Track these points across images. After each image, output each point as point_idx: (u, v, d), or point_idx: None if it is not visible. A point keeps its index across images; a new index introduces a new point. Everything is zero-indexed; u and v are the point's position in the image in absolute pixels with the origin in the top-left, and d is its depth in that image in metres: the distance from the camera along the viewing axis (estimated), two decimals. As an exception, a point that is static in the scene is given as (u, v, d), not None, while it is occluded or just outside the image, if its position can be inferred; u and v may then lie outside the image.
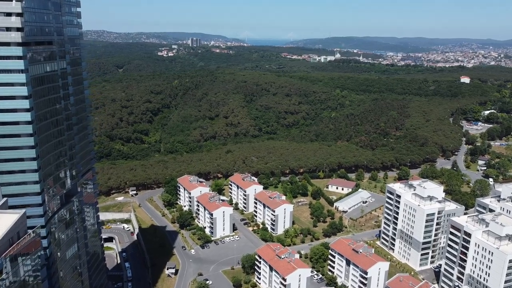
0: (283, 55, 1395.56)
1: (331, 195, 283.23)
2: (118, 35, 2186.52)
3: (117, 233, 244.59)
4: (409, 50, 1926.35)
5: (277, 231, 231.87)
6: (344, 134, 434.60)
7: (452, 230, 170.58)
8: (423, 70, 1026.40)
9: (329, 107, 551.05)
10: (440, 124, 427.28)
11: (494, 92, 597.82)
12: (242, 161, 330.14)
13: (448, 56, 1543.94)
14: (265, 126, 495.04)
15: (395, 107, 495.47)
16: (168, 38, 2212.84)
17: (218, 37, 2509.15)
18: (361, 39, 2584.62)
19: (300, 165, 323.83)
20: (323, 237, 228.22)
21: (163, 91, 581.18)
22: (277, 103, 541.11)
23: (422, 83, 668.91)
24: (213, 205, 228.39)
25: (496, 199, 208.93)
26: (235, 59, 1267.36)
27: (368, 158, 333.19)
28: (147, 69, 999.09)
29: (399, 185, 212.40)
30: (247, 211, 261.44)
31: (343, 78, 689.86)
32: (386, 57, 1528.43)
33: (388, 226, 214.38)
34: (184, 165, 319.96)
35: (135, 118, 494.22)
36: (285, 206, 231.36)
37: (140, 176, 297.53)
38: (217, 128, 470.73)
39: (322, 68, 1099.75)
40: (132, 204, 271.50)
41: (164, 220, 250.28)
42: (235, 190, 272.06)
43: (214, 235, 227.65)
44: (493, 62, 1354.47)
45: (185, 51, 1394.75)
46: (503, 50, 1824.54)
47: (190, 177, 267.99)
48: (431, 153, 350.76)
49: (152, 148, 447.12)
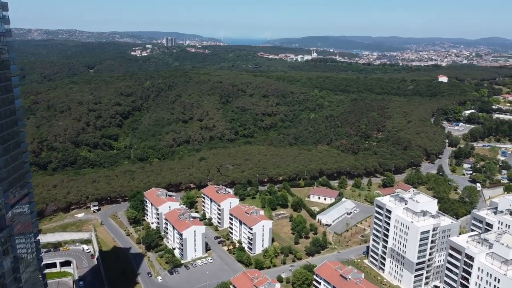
0: (260, 55, 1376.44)
1: (313, 205, 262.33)
2: (90, 34, 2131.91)
3: (75, 256, 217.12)
4: (384, 49, 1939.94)
5: (255, 251, 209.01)
6: (324, 137, 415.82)
7: (452, 252, 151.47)
8: (399, 69, 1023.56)
9: (308, 108, 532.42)
10: (422, 126, 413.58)
11: (472, 91, 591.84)
12: (216, 169, 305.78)
13: (422, 55, 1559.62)
14: (241, 129, 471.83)
15: (375, 108, 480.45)
16: (142, 38, 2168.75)
17: (194, 37, 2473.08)
18: (337, 38, 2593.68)
19: (279, 173, 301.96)
20: (306, 256, 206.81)
21: (134, 92, 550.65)
22: (254, 105, 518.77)
23: (400, 82, 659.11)
24: (183, 223, 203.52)
25: (492, 211, 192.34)
26: (211, 59, 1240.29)
27: (351, 164, 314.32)
28: (120, 69, 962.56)
29: (389, 198, 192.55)
30: (221, 227, 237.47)
31: (321, 78, 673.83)
32: (362, 56, 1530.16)
33: (377, 243, 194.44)
34: (153, 175, 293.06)
35: (103, 122, 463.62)
36: (264, 222, 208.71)
37: (103, 189, 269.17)
38: (191, 132, 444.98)
39: (299, 67, 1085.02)
40: (94, 221, 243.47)
41: (128, 241, 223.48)
42: (208, 204, 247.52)
43: (185, 258, 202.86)
44: (465, 60, 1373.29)
45: (160, 50, 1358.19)
46: (473, 49, 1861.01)
47: (158, 191, 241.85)
48: (415, 157, 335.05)
49: (121, 155, 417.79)
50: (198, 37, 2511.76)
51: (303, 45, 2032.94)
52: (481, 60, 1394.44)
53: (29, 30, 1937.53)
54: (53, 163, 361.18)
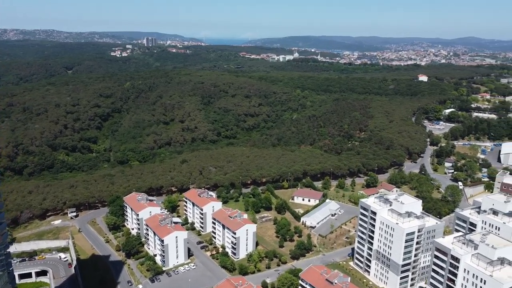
0: (242, 55, 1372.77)
1: (297, 207, 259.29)
2: (69, 34, 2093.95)
3: (52, 265, 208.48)
4: (364, 49, 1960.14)
5: (239, 256, 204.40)
6: (307, 137, 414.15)
7: (437, 254, 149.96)
8: (380, 68, 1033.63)
9: (290, 108, 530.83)
10: (404, 125, 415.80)
11: (452, 90, 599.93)
12: (199, 172, 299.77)
13: (401, 55, 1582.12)
14: (224, 130, 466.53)
15: (357, 108, 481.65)
16: (122, 38, 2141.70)
17: (175, 37, 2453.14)
18: (318, 38, 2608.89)
19: (263, 175, 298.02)
20: (291, 260, 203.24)
21: (113, 94, 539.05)
22: (236, 105, 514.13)
23: (381, 82, 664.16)
24: (164, 229, 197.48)
25: (476, 210, 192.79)
26: (192, 59, 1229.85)
27: (334, 165, 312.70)
28: (99, 70, 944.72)
29: (374, 199, 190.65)
30: (204, 231, 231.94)
31: (303, 78, 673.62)
32: (343, 56, 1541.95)
33: (362, 245, 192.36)
34: (133, 179, 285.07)
35: (81, 124, 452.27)
36: (247, 226, 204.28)
37: (81, 194, 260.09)
38: (172, 134, 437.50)
39: (281, 67, 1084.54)
40: (71, 228, 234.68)
41: (107, 248, 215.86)
42: (190, 208, 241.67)
43: (166, 265, 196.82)
44: (443, 60, 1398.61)
45: (140, 51, 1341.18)
46: (451, 48, 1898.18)
47: (138, 195, 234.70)
48: (398, 157, 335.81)
49: (100, 158, 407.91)
50: (179, 37, 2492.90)
51: (284, 45, 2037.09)
52: (458, 59, 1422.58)
53: (5, 30, 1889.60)
54: (29, 167, 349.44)
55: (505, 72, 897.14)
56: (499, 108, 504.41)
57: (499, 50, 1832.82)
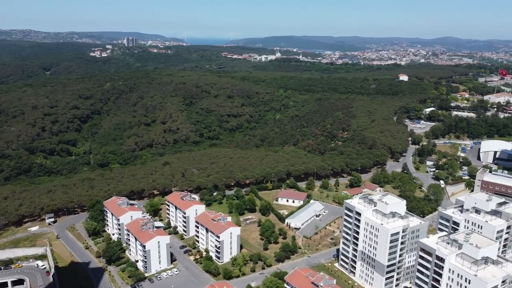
0: (224, 55, 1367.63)
1: (282, 209, 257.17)
2: (47, 34, 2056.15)
3: (29, 273, 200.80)
4: (345, 49, 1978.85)
5: (223, 259, 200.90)
6: (291, 137, 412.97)
7: (422, 254, 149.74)
8: (361, 68, 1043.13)
9: (273, 108, 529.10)
10: (385, 124, 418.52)
11: (432, 89, 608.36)
12: (181, 174, 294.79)
13: (382, 54, 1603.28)
14: (206, 131, 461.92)
15: (339, 107, 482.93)
16: (102, 38, 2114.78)
17: (156, 37, 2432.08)
18: (300, 38, 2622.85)
19: (246, 176, 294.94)
20: (276, 263, 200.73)
21: (93, 95, 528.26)
22: (219, 106, 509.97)
23: (363, 81, 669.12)
24: (146, 234, 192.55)
25: (458, 209, 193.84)
26: (174, 59, 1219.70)
27: (318, 165, 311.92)
28: (78, 71, 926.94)
29: (358, 200, 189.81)
30: (187, 235, 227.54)
31: (286, 78, 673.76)
32: (325, 56, 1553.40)
33: (347, 246, 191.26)
34: (113, 183, 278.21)
35: (60, 127, 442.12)
36: (231, 229, 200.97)
37: (59, 199, 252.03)
38: (154, 135, 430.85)
39: (263, 67, 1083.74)
40: (49, 235, 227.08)
41: (87, 255, 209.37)
42: (173, 212, 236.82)
43: (148, 271, 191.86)
44: (423, 59, 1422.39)
45: (120, 51, 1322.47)
46: (430, 48, 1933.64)
47: (119, 200, 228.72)
48: (380, 156, 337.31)
49: (80, 161, 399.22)
50: (160, 37, 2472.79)
51: (266, 45, 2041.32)
52: (437, 59, 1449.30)
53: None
54: (5, 172, 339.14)
55: (482, 71, 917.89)
56: (478, 107, 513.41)
57: (475, 49, 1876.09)
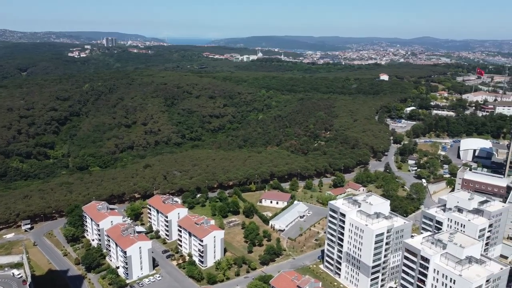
0: (205, 55, 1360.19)
1: (266, 210, 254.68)
2: (23, 34, 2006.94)
3: (4, 282, 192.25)
4: (326, 49, 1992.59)
5: (206, 264, 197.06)
6: (274, 138, 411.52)
7: (407, 255, 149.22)
8: (342, 68, 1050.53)
9: (256, 108, 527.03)
10: (367, 124, 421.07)
11: (412, 89, 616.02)
12: (163, 177, 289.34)
13: (362, 54, 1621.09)
14: (188, 132, 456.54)
15: (321, 107, 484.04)
16: (81, 38, 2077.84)
17: (136, 37, 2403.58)
18: (281, 38, 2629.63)
19: (229, 178, 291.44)
20: (261, 266, 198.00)
21: (71, 96, 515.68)
22: (201, 106, 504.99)
23: (344, 81, 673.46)
24: (127, 240, 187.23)
25: (441, 208, 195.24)
26: (155, 60, 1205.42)
27: (301, 165, 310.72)
28: (56, 71, 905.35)
29: (342, 201, 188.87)
30: (170, 239, 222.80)
31: (268, 78, 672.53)
32: (306, 56, 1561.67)
33: (332, 248, 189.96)
34: (93, 186, 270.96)
35: (37, 129, 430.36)
36: (215, 233, 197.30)
37: (36, 205, 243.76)
38: (134, 137, 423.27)
39: (245, 67, 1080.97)
40: (25, 242, 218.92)
41: (66, 262, 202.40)
42: (154, 215, 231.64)
43: (130, 277, 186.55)
44: (402, 59, 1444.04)
45: (100, 51, 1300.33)
46: (409, 48, 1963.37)
47: (98, 204, 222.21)
48: (363, 156, 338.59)
49: (58, 164, 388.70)
50: (141, 37, 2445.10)
51: (248, 45, 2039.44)
52: (416, 58, 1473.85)
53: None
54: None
55: (460, 70, 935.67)
56: (457, 106, 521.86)
57: (453, 49, 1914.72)
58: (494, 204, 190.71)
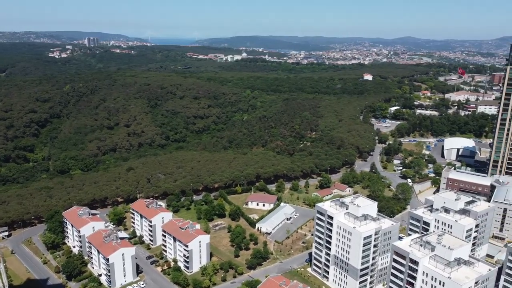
0: (189, 55, 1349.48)
1: (252, 213, 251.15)
2: (1, 34, 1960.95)
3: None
4: (310, 49, 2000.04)
5: (192, 269, 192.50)
6: (259, 139, 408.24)
7: (396, 258, 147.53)
8: (326, 68, 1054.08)
9: (241, 109, 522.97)
10: (353, 124, 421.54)
11: (395, 88, 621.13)
12: (146, 180, 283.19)
13: (346, 54, 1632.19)
14: (172, 134, 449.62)
15: (307, 107, 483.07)
16: (62, 38, 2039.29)
17: (119, 37, 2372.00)
18: (265, 38, 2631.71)
19: (215, 180, 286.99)
20: (248, 270, 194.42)
21: (52, 98, 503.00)
22: (185, 107, 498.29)
23: (329, 81, 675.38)
24: (109, 246, 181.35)
25: (428, 209, 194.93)
26: (138, 60, 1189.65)
27: (288, 166, 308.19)
28: (36, 72, 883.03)
29: (330, 203, 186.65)
30: (154, 245, 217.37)
31: (253, 78, 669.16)
32: (290, 56, 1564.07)
33: (320, 251, 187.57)
34: (74, 191, 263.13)
35: (16, 132, 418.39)
36: (200, 238, 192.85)
37: (14, 211, 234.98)
38: (117, 139, 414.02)
39: (229, 67, 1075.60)
40: (2, 250, 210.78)
41: (45, 270, 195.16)
42: (138, 220, 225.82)
43: (113, 285, 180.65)
44: (385, 59, 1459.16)
45: (81, 51, 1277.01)
46: (391, 48, 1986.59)
47: (79, 209, 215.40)
48: (349, 156, 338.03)
49: (38, 168, 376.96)
50: (123, 37, 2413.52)
51: (232, 45, 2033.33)
52: (398, 58, 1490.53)
53: None
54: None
55: (442, 70, 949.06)
56: (440, 105, 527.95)
57: (434, 49, 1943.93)
58: (480, 204, 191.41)
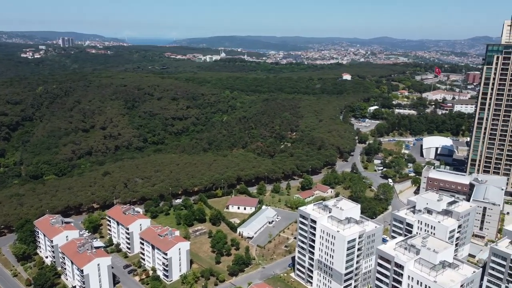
0: (167, 55, 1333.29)
1: (233, 217, 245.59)
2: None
3: None
4: (289, 49, 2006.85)
5: (171, 278, 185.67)
6: (239, 140, 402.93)
7: (381, 262, 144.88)
8: (305, 68, 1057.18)
9: (220, 110, 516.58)
10: (333, 124, 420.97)
11: (374, 88, 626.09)
12: (123, 185, 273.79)
13: (324, 54, 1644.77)
14: (150, 136, 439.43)
15: (287, 108, 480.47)
16: (35, 38, 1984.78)
17: (95, 37, 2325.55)
18: (244, 38, 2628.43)
19: (194, 184, 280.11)
20: (229, 277, 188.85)
21: (23, 100, 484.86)
22: (163, 109, 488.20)
23: (308, 81, 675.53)
24: (84, 257, 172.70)
25: (411, 210, 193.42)
26: (114, 60, 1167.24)
27: (269, 168, 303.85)
28: (7, 73, 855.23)
29: (313, 207, 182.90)
30: (132, 253, 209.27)
31: (232, 79, 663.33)
32: (269, 56, 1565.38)
33: (303, 255, 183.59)
34: (46, 198, 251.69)
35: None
36: (180, 245, 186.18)
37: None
38: (93, 142, 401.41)
39: (208, 68, 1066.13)
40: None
41: (15, 283, 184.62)
42: (115, 228, 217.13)
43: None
44: (362, 59, 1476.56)
45: (55, 52, 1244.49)
46: (368, 47, 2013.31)
47: (52, 218, 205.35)
48: (330, 157, 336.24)
49: (9, 173, 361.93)
50: (99, 37, 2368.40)
51: (211, 45, 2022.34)
52: (376, 58, 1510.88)
53: None
54: None
55: (418, 69, 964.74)
56: (418, 104, 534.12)
57: (409, 49, 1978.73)
58: (462, 205, 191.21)
